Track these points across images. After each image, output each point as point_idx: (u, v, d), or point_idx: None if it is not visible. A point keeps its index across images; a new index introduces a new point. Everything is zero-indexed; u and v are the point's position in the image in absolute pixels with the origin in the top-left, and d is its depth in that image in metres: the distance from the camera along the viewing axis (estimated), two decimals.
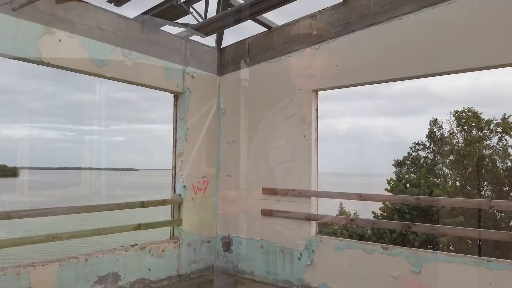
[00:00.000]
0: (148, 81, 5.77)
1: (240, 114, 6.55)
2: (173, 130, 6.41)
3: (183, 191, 6.21)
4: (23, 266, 4.44)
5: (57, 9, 4.70)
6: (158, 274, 5.77)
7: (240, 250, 6.38)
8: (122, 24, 5.41)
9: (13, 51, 4.35)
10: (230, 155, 6.66)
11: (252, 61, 6.44)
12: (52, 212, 4.73)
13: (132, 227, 5.51)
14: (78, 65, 4.92)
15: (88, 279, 4.93)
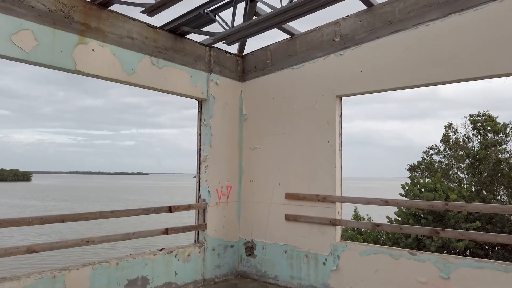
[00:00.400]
0: (175, 88, 5.88)
1: (263, 120, 6.63)
2: (197, 136, 6.51)
3: (208, 196, 6.30)
4: (58, 269, 4.55)
5: (90, 19, 4.85)
6: (185, 278, 5.86)
7: (263, 254, 6.43)
8: (150, 33, 5.55)
9: (50, 61, 4.49)
10: (253, 161, 6.74)
11: (274, 68, 6.53)
12: (86, 217, 4.84)
13: (159, 231, 5.61)
14: (109, 73, 5.05)
15: (119, 283, 5.03)
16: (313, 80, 6.00)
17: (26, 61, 4.33)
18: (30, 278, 4.24)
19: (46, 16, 4.44)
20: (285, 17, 4.96)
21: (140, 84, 5.44)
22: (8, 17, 4.13)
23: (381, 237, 16.05)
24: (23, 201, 58.69)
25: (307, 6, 4.68)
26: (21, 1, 4.24)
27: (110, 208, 45.18)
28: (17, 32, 4.19)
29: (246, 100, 6.92)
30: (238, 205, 6.83)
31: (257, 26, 5.07)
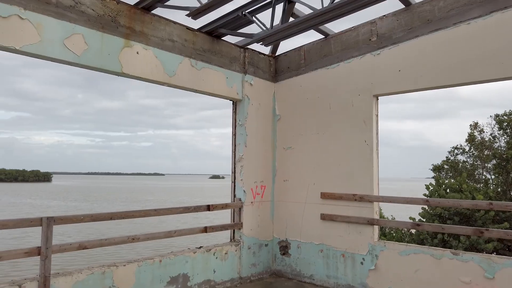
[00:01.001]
0: (212, 89, 5.98)
1: (296, 120, 6.67)
2: (232, 136, 6.60)
3: (243, 195, 6.38)
4: (107, 265, 4.70)
5: (135, 23, 4.99)
6: (222, 276, 5.95)
7: (298, 253, 6.47)
8: (189, 35, 5.66)
9: (99, 64, 4.64)
10: (286, 160, 6.79)
11: (308, 68, 6.57)
12: (132, 215, 4.98)
13: (199, 229, 5.71)
14: (152, 75, 5.18)
15: (162, 280, 5.15)
16: (349, 80, 6.01)
17: (77, 64, 4.49)
18: (81, 273, 4.39)
19: (95, 20, 4.59)
20: (325, 18, 5.00)
21: (180, 85, 5.56)
22: (61, 22, 4.29)
23: (405, 238, 15.87)
24: (45, 201, 60.02)
25: (348, 6, 4.70)
26: (73, 7, 4.40)
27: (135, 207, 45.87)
28: (69, 36, 4.35)
29: (279, 100, 6.98)
30: (272, 204, 6.89)
31: (297, 27, 5.12)
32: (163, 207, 5.38)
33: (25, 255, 3.98)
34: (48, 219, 4.09)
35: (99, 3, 4.64)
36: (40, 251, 4.04)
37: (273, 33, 5.23)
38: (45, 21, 4.15)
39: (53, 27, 4.22)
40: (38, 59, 4.31)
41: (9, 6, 3.90)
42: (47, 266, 4.07)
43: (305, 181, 6.46)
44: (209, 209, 5.80)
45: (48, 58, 4.27)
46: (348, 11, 4.85)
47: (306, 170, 6.46)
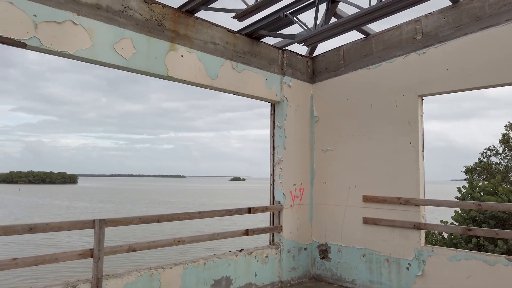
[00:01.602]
0: (252, 91, 5.95)
1: (336, 122, 6.56)
2: (270, 139, 6.55)
3: (282, 198, 6.31)
4: (154, 268, 4.72)
5: (179, 26, 5.01)
6: (263, 279, 5.89)
7: (339, 258, 6.35)
8: (230, 37, 5.66)
9: (146, 67, 4.68)
10: (325, 162, 6.69)
11: (348, 68, 6.45)
12: (177, 217, 5.00)
13: (241, 232, 5.68)
14: (196, 78, 5.19)
15: (206, 282, 5.14)
16: (392, 80, 5.87)
17: (126, 68, 4.54)
18: (131, 275, 4.42)
19: (142, 24, 4.64)
20: (371, 17, 4.89)
21: (221, 88, 5.55)
22: (111, 27, 4.35)
23: (436, 242, 15.42)
24: (73, 203, 61.54)
25: (397, 5, 4.58)
26: (122, 11, 4.45)
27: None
28: (119, 41, 4.41)
29: (317, 101, 6.89)
30: (311, 207, 6.79)
31: (342, 27, 5.03)
32: (207, 210, 5.37)
33: (79, 257, 4.03)
34: (100, 221, 4.14)
35: (146, 7, 4.69)
36: (93, 253, 4.10)
37: (317, 34, 5.15)
38: (96, 26, 4.22)
39: (104, 31, 4.28)
40: (87, 63, 4.38)
41: (64, 12, 3.98)
42: (99, 268, 4.11)
43: (346, 183, 6.34)
44: (250, 212, 5.76)
45: (99, 63, 4.33)
46: (396, 9, 4.73)
47: (346, 173, 6.34)
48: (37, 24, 3.79)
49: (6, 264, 3.56)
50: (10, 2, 3.63)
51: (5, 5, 3.61)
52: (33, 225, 3.75)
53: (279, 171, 6.36)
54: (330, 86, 6.71)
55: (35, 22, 3.78)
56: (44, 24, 3.84)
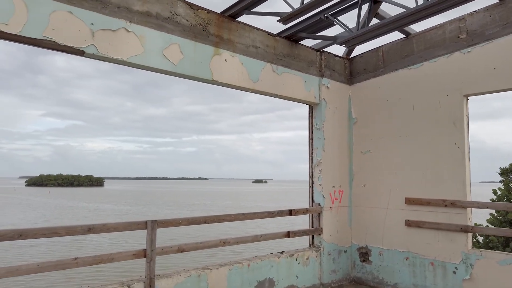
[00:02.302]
0: (291, 93, 5.98)
1: (375, 123, 6.50)
2: (308, 141, 6.55)
3: (322, 200, 6.30)
4: (201, 268, 4.80)
5: (223, 31, 5.10)
6: (304, 282, 5.89)
7: (380, 261, 6.27)
8: (270, 40, 5.71)
9: (192, 72, 4.78)
10: (365, 164, 6.63)
11: (387, 69, 6.38)
12: (223, 219, 5.07)
13: (282, 234, 5.71)
14: (239, 82, 5.26)
15: (250, 283, 5.19)
16: (435, 80, 5.77)
17: (174, 73, 4.65)
18: (180, 276, 4.51)
19: (189, 30, 4.75)
20: (416, 17, 4.82)
21: (262, 91, 5.60)
22: (161, 33, 4.47)
23: (476, 244, 14.98)
24: (100, 205, 63.03)
25: (443, 4, 4.51)
26: (170, 18, 4.57)
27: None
28: (168, 47, 4.53)
29: (355, 103, 6.84)
30: (350, 210, 6.74)
31: (386, 27, 4.99)
32: (250, 212, 5.43)
33: (133, 257, 4.15)
34: (152, 223, 4.25)
35: (192, 13, 4.79)
36: (145, 253, 4.21)
37: (359, 35, 5.13)
38: (147, 33, 4.35)
39: (154, 38, 4.41)
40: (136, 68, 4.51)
41: (118, 20, 4.13)
42: (152, 268, 4.22)
43: (387, 186, 6.26)
44: (291, 214, 5.78)
45: (149, 68, 4.46)
46: (443, 9, 4.64)
47: (387, 175, 6.26)
48: (94, 32, 3.95)
49: (68, 263, 3.71)
50: (69, 12, 3.80)
51: (65, 14, 3.77)
52: (91, 225, 3.89)
53: (318, 173, 6.35)
54: (368, 87, 6.65)
55: (92, 30, 3.94)
56: (100, 32, 3.99)
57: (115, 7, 4.11)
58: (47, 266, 3.59)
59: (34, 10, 3.58)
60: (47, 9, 3.66)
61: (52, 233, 3.64)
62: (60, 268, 3.66)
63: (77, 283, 14.15)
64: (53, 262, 3.64)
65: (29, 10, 3.55)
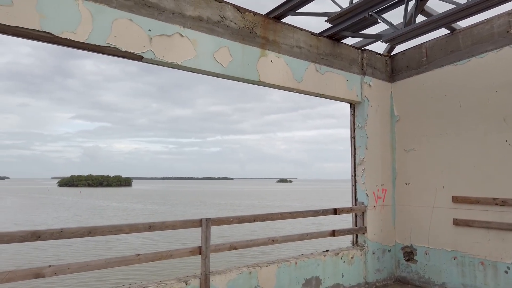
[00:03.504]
0: (334, 92, 6.00)
1: (419, 121, 6.42)
2: (351, 139, 6.55)
3: (366, 199, 6.28)
4: (251, 266, 4.91)
5: (268, 33, 5.18)
6: (350, 280, 5.90)
7: (426, 260, 6.19)
8: (313, 40, 5.74)
9: (241, 74, 4.89)
10: (408, 163, 6.56)
11: (431, 65, 6.29)
12: (271, 217, 5.15)
13: (327, 233, 5.74)
14: (284, 82, 5.33)
15: (298, 281, 5.25)
16: (483, 76, 5.64)
17: (223, 75, 4.77)
18: (232, 273, 4.63)
19: (237, 33, 4.86)
20: (465, 13, 4.74)
21: (306, 90, 5.65)
22: (211, 37, 4.60)
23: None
24: (130, 205, 64.54)
25: (494, 0, 4.42)
26: (219, 22, 4.69)
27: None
28: (218, 50, 4.65)
29: (397, 100, 6.78)
30: (393, 209, 6.69)
31: (434, 24, 4.94)
32: (297, 211, 5.49)
33: (189, 254, 4.30)
34: (207, 221, 4.39)
35: (240, 16, 4.90)
36: (201, 250, 4.34)
37: (406, 32, 5.09)
38: (199, 37, 4.49)
39: (206, 42, 4.54)
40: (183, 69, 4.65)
41: (172, 25, 4.28)
42: (207, 265, 4.35)
43: (432, 184, 6.17)
44: (336, 213, 5.80)
45: (201, 71, 4.59)
46: (493, 4, 4.56)
47: (433, 173, 6.18)
48: (151, 38, 4.11)
49: (132, 259, 3.89)
50: (129, 19, 3.97)
51: (126, 22, 3.95)
52: (152, 223, 4.06)
53: (361, 172, 6.33)
54: (411, 84, 6.58)
55: (149, 36, 4.10)
56: (157, 37, 4.15)
57: (170, 13, 4.26)
58: (113, 262, 3.77)
59: (98, 19, 3.77)
60: (110, 17, 3.84)
61: (117, 230, 3.83)
62: (124, 264, 3.84)
63: (108, 283, 14.49)
64: (118, 258, 3.82)
65: (94, 19, 3.75)
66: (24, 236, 3.37)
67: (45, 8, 3.50)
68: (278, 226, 31.18)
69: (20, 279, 3.34)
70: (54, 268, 3.48)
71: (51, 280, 14.24)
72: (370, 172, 6.36)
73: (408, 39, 5.40)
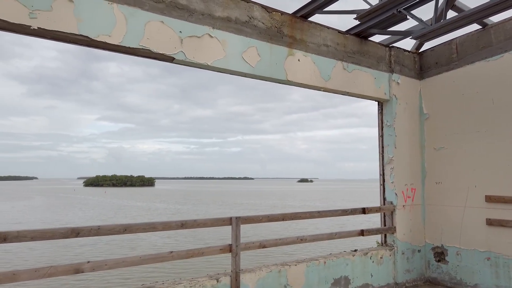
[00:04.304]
0: (361, 90, 5.94)
1: (449, 118, 6.27)
2: (379, 138, 6.47)
3: (395, 198, 6.19)
4: (280, 264, 4.92)
5: (295, 32, 5.19)
6: (379, 281, 5.83)
7: (458, 261, 6.05)
8: (340, 38, 5.71)
9: (269, 73, 4.91)
10: (438, 161, 6.42)
11: (462, 62, 6.14)
12: (300, 216, 5.16)
13: (356, 233, 5.69)
14: (311, 81, 5.32)
15: (326, 281, 5.23)
16: None
17: (252, 75, 4.80)
18: (262, 271, 4.66)
19: (264, 33, 4.88)
20: (500, 8, 4.60)
21: (334, 89, 5.62)
22: (240, 37, 4.64)
23: None
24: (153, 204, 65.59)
25: None
26: (247, 22, 4.73)
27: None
28: (246, 50, 4.69)
29: (426, 98, 6.65)
30: (423, 208, 6.56)
31: (467, 19, 4.82)
32: (325, 210, 5.46)
33: (220, 251, 4.35)
34: (237, 219, 4.43)
35: (267, 16, 4.92)
36: (231, 248, 4.39)
37: (437, 28, 4.99)
38: (228, 38, 4.54)
39: (234, 42, 4.59)
40: None
41: (202, 27, 4.34)
42: (237, 263, 4.40)
43: (464, 183, 6.02)
44: (364, 212, 5.74)
45: (230, 71, 4.64)
46: None
47: (464, 172, 6.03)
48: (182, 40, 4.19)
49: (165, 256, 3.98)
50: (161, 22, 4.06)
51: (158, 24, 4.04)
52: (184, 221, 4.13)
53: (390, 170, 6.25)
54: (441, 81, 6.44)
55: (180, 37, 4.18)
56: (188, 39, 4.23)
57: (199, 15, 4.33)
58: (147, 259, 3.86)
59: (132, 21, 3.87)
60: (143, 20, 3.94)
61: (151, 227, 3.93)
62: (158, 261, 3.93)
63: (133, 282, 14.73)
64: (152, 255, 3.92)
65: (128, 21, 3.85)
66: (65, 233, 3.50)
67: (82, 12, 3.62)
68: (301, 227, 31.08)
69: (61, 274, 3.46)
70: (92, 264, 3.59)
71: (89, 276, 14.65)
72: (398, 171, 6.27)
73: (439, 35, 5.29)
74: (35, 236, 3.38)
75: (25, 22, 3.34)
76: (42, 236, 3.41)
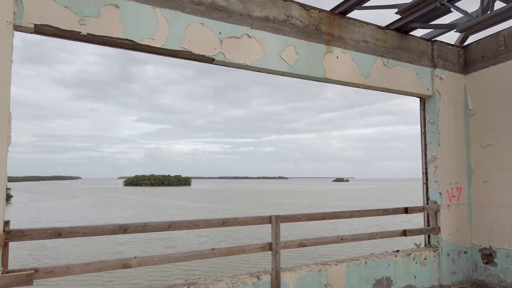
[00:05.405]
0: (403, 87, 5.78)
1: (497, 114, 5.97)
2: (421, 135, 6.26)
3: (439, 197, 5.97)
4: (320, 264, 4.89)
5: (334, 29, 5.13)
6: (423, 282, 5.64)
7: (508, 263, 5.74)
8: (380, 34, 5.58)
9: (307, 71, 4.89)
10: (486, 159, 6.12)
11: (510, 55, 5.82)
12: (339, 215, 5.12)
13: (398, 233, 5.55)
14: (350, 78, 5.24)
15: (368, 281, 5.13)
16: None
17: (290, 74, 4.80)
18: (302, 270, 4.65)
19: (302, 31, 4.87)
20: None
21: (374, 86, 5.50)
22: (278, 36, 4.66)
23: None
24: (190, 203, 66.91)
25: None
26: (285, 21, 4.74)
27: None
28: (284, 49, 4.69)
29: (472, 93, 6.36)
30: (469, 208, 6.29)
31: (508, 13, 4.57)
32: (365, 209, 5.37)
33: (260, 249, 4.39)
34: (276, 217, 4.45)
35: (305, 14, 4.91)
36: (271, 246, 4.42)
37: (483, 20, 4.77)
38: (266, 37, 4.56)
39: (272, 41, 4.60)
40: None
41: (240, 27, 4.40)
42: (277, 261, 4.41)
43: None
44: (406, 212, 5.58)
45: (268, 71, 4.67)
46: None
47: None
48: (221, 41, 4.26)
49: (207, 253, 4.06)
50: (202, 24, 4.15)
51: (198, 26, 4.13)
52: (225, 219, 4.21)
53: (433, 169, 6.03)
54: (488, 75, 6.13)
55: (220, 39, 4.25)
56: (227, 39, 4.29)
57: (238, 15, 4.38)
58: (190, 255, 3.97)
59: (174, 24, 3.99)
60: (184, 22, 4.05)
61: (194, 225, 4.02)
62: (201, 258, 4.03)
63: (159, 281, 14.98)
64: (195, 252, 4.02)
65: (170, 25, 3.97)
66: (113, 229, 3.66)
67: (127, 17, 3.77)
68: (338, 227, 30.62)
69: (110, 268, 3.63)
70: (139, 260, 3.74)
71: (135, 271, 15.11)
72: (442, 169, 6.04)
73: (486, 27, 5.05)
74: (87, 232, 3.56)
75: (75, 29, 3.53)
76: (93, 232, 3.59)
